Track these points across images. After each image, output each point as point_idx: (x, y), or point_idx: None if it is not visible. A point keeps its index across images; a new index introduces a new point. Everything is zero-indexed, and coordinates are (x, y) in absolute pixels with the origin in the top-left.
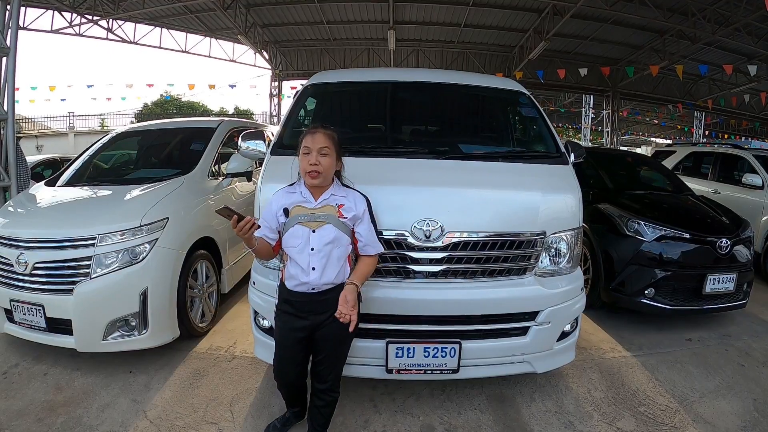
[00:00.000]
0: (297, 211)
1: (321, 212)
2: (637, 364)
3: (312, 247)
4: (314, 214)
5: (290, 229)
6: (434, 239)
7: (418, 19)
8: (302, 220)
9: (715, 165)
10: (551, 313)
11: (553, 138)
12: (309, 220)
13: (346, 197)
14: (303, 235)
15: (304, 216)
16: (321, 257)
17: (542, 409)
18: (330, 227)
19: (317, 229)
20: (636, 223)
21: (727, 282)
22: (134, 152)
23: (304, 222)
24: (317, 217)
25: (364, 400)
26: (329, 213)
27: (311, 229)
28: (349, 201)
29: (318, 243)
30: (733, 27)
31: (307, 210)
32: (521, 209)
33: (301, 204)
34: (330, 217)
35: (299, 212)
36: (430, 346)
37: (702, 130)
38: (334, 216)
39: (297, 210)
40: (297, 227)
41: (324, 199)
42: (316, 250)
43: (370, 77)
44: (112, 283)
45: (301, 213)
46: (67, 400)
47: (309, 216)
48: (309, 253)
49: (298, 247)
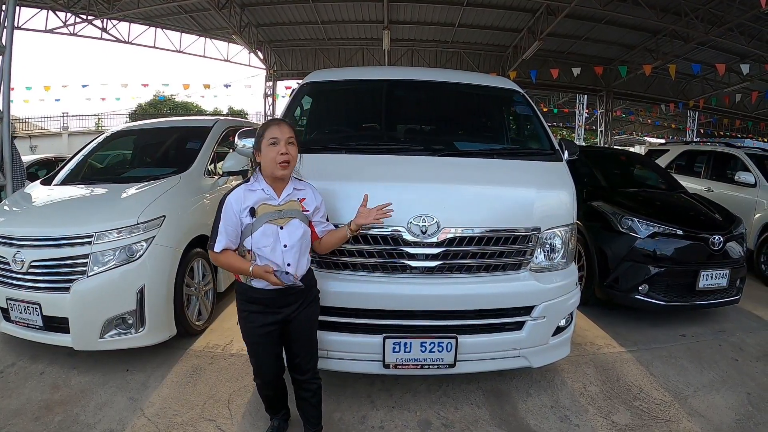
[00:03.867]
0: (264, 210)
1: (287, 208)
2: (631, 360)
3: (285, 244)
4: (281, 210)
5: (259, 229)
6: (430, 235)
7: (412, 19)
8: (271, 218)
9: (708, 163)
10: (546, 307)
11: (547, 135)
12: (277, 218)
13: (305, 190)
14: (272, 233)
15: (271, 214)
16: (294, 252)
17: (538, 403)
18: (297, 222)
19: (285, 226)
20: (630, 220)
21: (720, 278)
22: (130, 151)
23: (272, 220)
24: (284, 214)
25: (361, 396)
26: (294, 208)
27: (279, 226)
28: (308, 194)
29: (289, 239)
30: (726, 27)
31: (274, 207)
32: (516, 205)
33: (267, 202)
34: (296, 212)
35: (266, 210)
36: (426, 341)
37: (696, 129)
38: (299, 211)
39: (263, 208)
40: (266, 226)
41: (287, 195)
42: (289, 247)
43: (366, 75)
44: (109, 281)
45: (268, 211)
46: (64, 399)
47: (277, 213)
48: (282, 250)
49: (269, 246)
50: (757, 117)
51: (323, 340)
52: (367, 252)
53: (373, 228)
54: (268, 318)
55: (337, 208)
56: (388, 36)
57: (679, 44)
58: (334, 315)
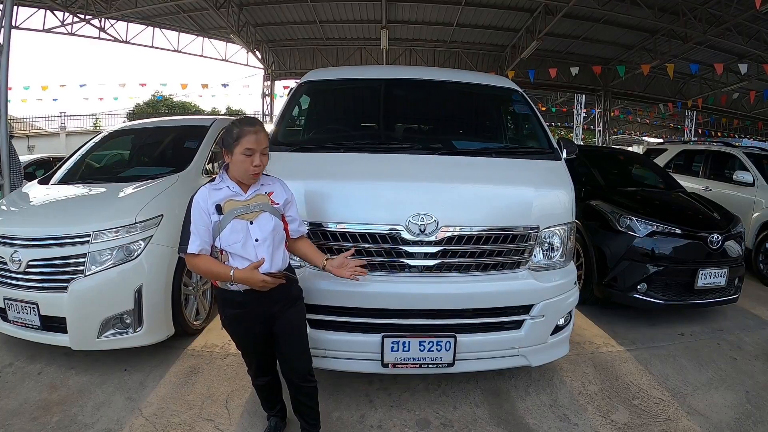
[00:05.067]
0: (231, 206)
1: (254, 202)
2: (630, 359)
3: (256, 239)
4: (249, 205)
5: (228, 226)
6: (429, 233)
7: (410, 19)
8: (238, 213)
9: (707, 163)
10: (545, 306)
11: (545, 134)
12: (245, 212)
13: (273, 184)
14: (242, 228)
15: (239, 209)
16: (267, 246)
17: (537, 402)
18: (267, 215)
19: (254, 220)
20: (628, 219)
21: (718, 277)
22: (128, 151)
23: (240, 215)
24: (253, 208)
25: (360, 395)
26: (263, 202)
27: (248, 221)
28: (276, 187)
29: (260, 233)
30: (724, 26)
31: (240, 203)
32: (515, 204)
33: (233, 198)
34: (265, 205)
35: (233, 206)
36: (425, 340)
37: (693, 129)
38: (268, 204)
39: (230, 204)
40: (235, 222)
41: (254, 190)
42: (261, 240)
43: (364, 74)
44: (107, 280)
45: (235, 207)
46: (61, 399)
47: (244, 208)
48: (254, 245)
49: (240, 242)
50: (756, 117)
51: (321, 339)
52: (366, 251)
53: (372, 226)
54: (250, 321)
55: (335, 207)
56: (386, 36)
57: (677, 44)
58: (331, 314)
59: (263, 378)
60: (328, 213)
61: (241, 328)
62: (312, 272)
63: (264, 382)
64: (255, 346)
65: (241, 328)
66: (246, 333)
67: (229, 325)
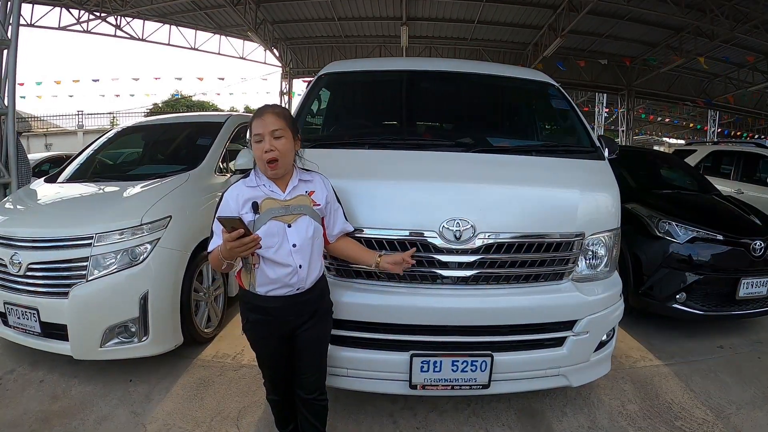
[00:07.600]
0: (268, 205)
1: (295, 203)
2: (670, 374)
3: (294, 244)
4: (288, 206)
5: (263, 227)
6: (465, 241)
7: (431, 16)
8: (277, 214)
9: (738, 164)
10: (590, 321)
11: (586, 131)
12: (284, 214)
13: (312, 181)
14: (279, 231)
15: (277, 210)
16: (306, 253)
17: (575, 424)
18: (307, 219)
19: (293, 223)
20: (667, 224)
21: (761, 286)
22: (139, 148)
23: (278, 216)
24: (292, 210)
25: (383, 416)
26: (303, 203)
27: (287, 223)
28: (317, 185)
29: (299, 238)
30: (751, 23)
31: (279, 202)
32: (559, 207)
33: (271, 196)
34: (305, 208)
35: (271, 205)
36: (459, 360)
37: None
38: (309, 206)
39: (268, 203)
40: (272, 223)
41: (293, 187)
42: (299, 246)
43: (388, 66)
44: (110, 286)
45: (273, 206)
46: (63, 411)
47: (283, 209)
48: (291, 250)
49: (275, 246)
50: None
51: (341, 357)
52: None
53: (399, 232)
54: (273, 330)
55: (359, 210)
56: (407, 33)
57: (702, 41)
58: (354, 329)
59: (276, 396)
60: (351, 217)
61: (261, 335)
62: (332, 283)
63: (278, 398)
64: (272, 356)
65: (261, 335)
66: (264, 341)
67: (249, 330)
